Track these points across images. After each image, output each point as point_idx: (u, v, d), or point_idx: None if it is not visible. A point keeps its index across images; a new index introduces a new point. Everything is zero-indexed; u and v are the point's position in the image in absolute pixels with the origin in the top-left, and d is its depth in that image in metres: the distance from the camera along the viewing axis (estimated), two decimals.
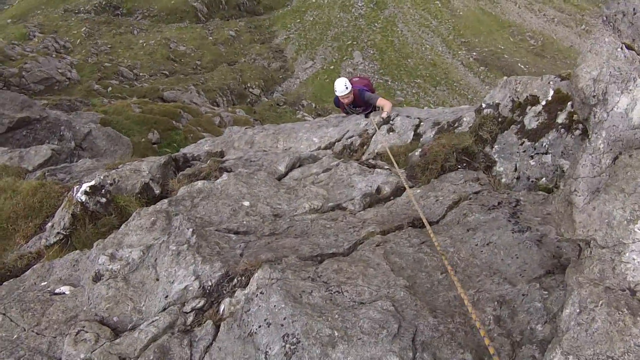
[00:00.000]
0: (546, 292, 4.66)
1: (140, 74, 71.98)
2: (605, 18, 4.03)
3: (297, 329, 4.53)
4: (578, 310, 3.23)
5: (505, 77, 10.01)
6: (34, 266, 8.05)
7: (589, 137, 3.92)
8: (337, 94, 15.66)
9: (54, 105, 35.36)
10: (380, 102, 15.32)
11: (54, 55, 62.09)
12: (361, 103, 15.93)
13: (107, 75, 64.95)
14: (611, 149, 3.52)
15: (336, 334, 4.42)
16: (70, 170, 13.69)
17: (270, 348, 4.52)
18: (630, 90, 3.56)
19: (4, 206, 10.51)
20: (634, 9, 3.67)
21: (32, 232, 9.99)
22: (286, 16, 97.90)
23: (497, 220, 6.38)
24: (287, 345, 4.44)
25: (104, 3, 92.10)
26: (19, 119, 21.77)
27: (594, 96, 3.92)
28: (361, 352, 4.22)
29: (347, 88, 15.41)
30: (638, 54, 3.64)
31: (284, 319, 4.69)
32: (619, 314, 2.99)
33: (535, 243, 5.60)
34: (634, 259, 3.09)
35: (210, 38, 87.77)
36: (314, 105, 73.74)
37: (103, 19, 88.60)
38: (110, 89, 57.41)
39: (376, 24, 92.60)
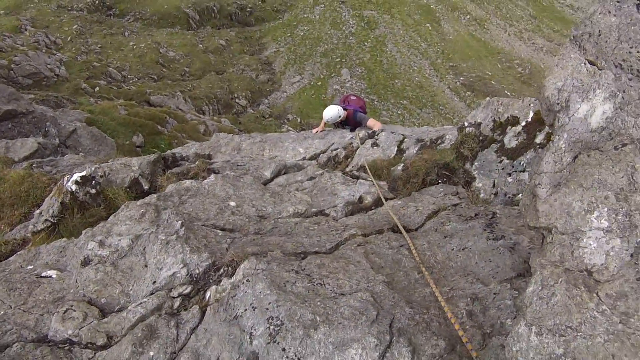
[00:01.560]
0: (516, 292, 4.94)
1: (129, 76, 71.89)
2: (572, 38, 4.40)
3: (282, 312, 4.79)
4: (540, 287, 3.54)
5: (488, 98, 10.31)
6: (20, 251, 8.09)
7: (552, 139, 4.27)
8: (328, 121, 16.27)
9: (41, 101, 35.30)
10: (371, 122, 15.70)
11: (44, 51, 62.15)
12: (352, 122, 16.22)
13: (95, 74, 64.85)
14: (571, 149, 3.87)
15: (318, 318, 4.68)
16: (56, 164, 13.78)
17: (255, 329, 4.77)
18: (590, 99, 3.93)
19: None
20: (599, 31, 4.04)
21: (17, 220, 10.06)
22: (277, 29, 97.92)
23: (473, 229, 6.66)
24: (272, 327, 4.70)
25: (97, 2, 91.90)
26: (5, 111, 21.62)
27: (558, 103, 4.29)
28: (342, 334, 4.48)
29: (339, 117, 16.09)
30: (599, 69, 4.00)
31: (269, 303, 4.94)
32: (576, 290, 3.30)
33: (508, 249, 5.88)
34: (590, 244, 3.42)
35: (201, 46, 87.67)
36: (299, 119, 73.70)
37: (95, 18, 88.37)
38: (97, 88, 57.33)
39: (366, 43, 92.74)
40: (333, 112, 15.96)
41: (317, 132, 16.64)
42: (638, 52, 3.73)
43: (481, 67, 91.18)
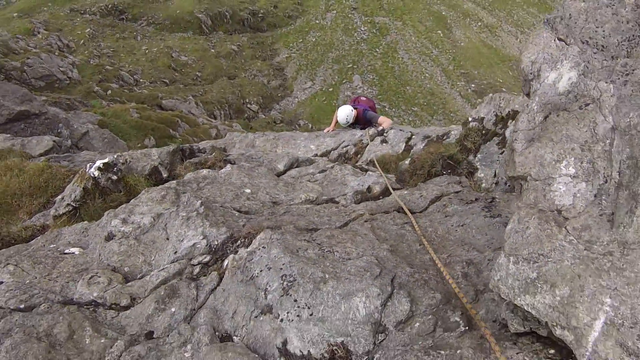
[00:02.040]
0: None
1: (141, 80, 72.05)
2: (546, 20, 4.94)
3: (294, 271, 5.27)
4: (517, 223, 4.02)
5: (490, 94, 10.70)
6: (44, 234, 8.38)
7: (527, 103, 4.80)
8: (341, 123, 16.94)
9: (53, 103, 35.48)
10: (381, 119, 16.61)
11: (56, 53, 62.36)
12: (362, 121, 16.77)
13: (107, 78, 65.05)
14: (542, 110, 4.37)
15: (327, 275, 5.17)
16: (73, 159, 14.00)
17: (269, 285, 5.25)
18: (558, 68, 4.45)
19: (10, 183, 10.90)
20: (569, 14, 4.58)
21: (35, 209, 10.37)
22: (289, 35, 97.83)
23: (472, 209, 7.10)
24: (285, 283, 5.19)
25: (110, 6, 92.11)
26: (18, 111, 21.98)
27: (531, 73, 4.82)
28: (348, 286, 4.96)
29: (347, 122, 16.82)
30: (567, 44, 4.53)
31: (283, 264, 5.42)
32: (547, 224, 3.77)
33: (503, 225, 6.30)
34: (560, 188, 3.91)
35: (213, 51, 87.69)
36: (310, 125, 73.59)
37: (108, 22, 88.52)
38: (110, 92, 57.61)
39: (377, 50, 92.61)
40: (346, 111, 16.72)
41: (328, 131, 17.05)
42: (603, 31, 4.27)
43: (492, 74, 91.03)
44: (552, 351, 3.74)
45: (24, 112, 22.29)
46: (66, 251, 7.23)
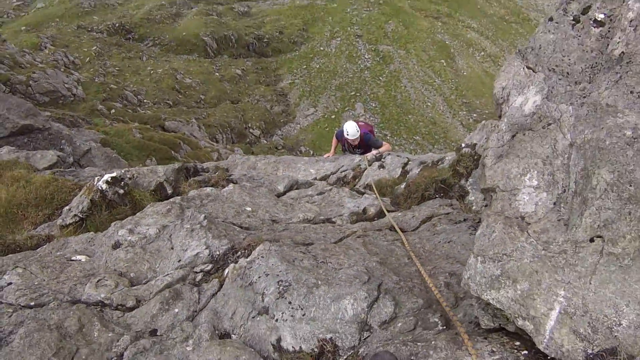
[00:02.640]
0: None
1: (145, 100, 72.16)
2: (518, 51, 5.52)
3: (290, 277, 5.76)
4: (485, 228, 4.50)
5: (483, 122, 11.11)
6: (51, 242, 8.64)
7: (497, 123, 5.31)
8: (349, 137, 16.51)
9: (57, 119, 35.50)
10: (384, 148, 16.47)
11: (62, 69, 62.60)
12: (363, 145, 16.93)
13: (112, 97, 65.13)
14: (510, 130, 4.89)
15: (320, 281, 5.66)
16: (77, 174, 14.14)
17: (266, 290, 5.73)
18: (524, 93, 5.01)
19: (17, 193, 11.11)
20: (539, 45, 5.13)
21: (41, 220, 10.60)
22: (293, 61, 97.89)
23: (460, 228, 7.56)
24: (281, 287, 5.67)
25: (117, 25, 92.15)
26: (22, 125, 22.11)
27: (501, 98, 5.39)
28: (338, 290, 5.46)
29: (357, 131, 16.41)
30: (534, 72, 5.05)
31: (279, 271, 5.91)
32: (511, 229, 4.26)
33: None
34: (524, 198, 4.44)
35: (217, 74, 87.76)
36: (311, 152, 73.43)
37: (114, 41, 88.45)
38: (113, 110, 57.70)
39: (381, 78, 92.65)
40: (353, 127, 16.58)
41: (327, 156, 17.25)
42: (569, 59, 4.81)
43: (494, 104, 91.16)
44: (517, 343, 4.22)
45: (28, 126, 22.41)
46: (73, 258, 7.53)
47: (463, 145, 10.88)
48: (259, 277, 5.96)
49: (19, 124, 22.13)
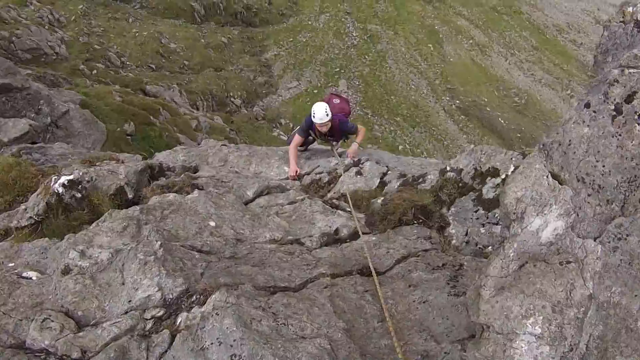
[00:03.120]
0: (465, 354, 5.21)
1: (128, 62, 71.64)
2: (542, 145, 4.64)
3: (244, 351, 5.12)
4: None
5: (472, 145, 10.52)
6: (2, 244, 8.38)
7: (504, 245, 4.57)
8: (316, 121, 14.16)
9: (38, 77, 35.27)
10: (357, 131, 15.10)
11: (47, 27, 62.06)
12: (338, 134, 15.21)
13: (94, 57, 64.64)
14: (519, 258, 4.16)
15: None
16: (45, 152, 13.83)
17: None
18: (545, 214, 4.20)
19: None
20: (569, 141, 4.24)
21: (1, 208, 10.15)
22: (280, 33, 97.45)
23: (437, 280, 6.95)
24: None
25: None
26: (0, 84, 21.60)
27: (514, 213, 4.58)
28: None
29: (327, 115, 14.08)
30: (560, 183, 4.26)
31: (234, 340, 5.26)
32: None
33: (466, 308, 6.06)
34: (522, 347, 3.75)
35: (202, 41, 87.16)
36: (291, 125, 73.21)
37: (101, 1, 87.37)
38: (95, 71, 57.26)
39: (367, 57, 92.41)
40: (322, 110, 14.11)
41: (292, 177, 14.02)
42: (603, 166, 3.97)
43: (478, 93, 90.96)
44: None
45: (6, 85, 21.85)
46: (24, 274, 7.19)
47: (448, 168, 10.33)
48: (212, 343, 5.34)
49: None
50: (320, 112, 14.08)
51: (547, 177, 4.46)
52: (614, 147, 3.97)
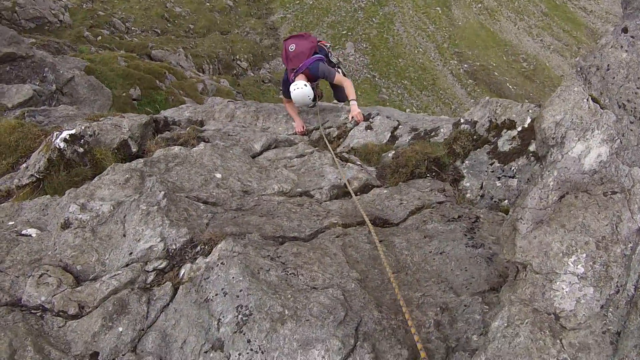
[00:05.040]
0: (487, 307, 4.91)
1: (132, 28, 71.34)
2: (579, 69, 4.31)
3: (251, 302, 4.82)
4: (505, 324, 3.52)
5: (487, 97, 10.21)
6: (3, 204, 8.18)
7: (542, 173, 4.21)
8: (303, 105, 12.85)
9: (42, 46, 35.01)
10: (339, 79, 12.90)
11: None
12: (314, 80, 12.90)
13: (99, 24, 64.34)
14: (559, 188, 3.82)
15: (287, 312, 4.71)
16: (49, 114, 13.65)
17: (223, 316, 4.81)
18: (587, 139, 3.87)
19: None
20: (607, 65, 3.95)
21: (4, 170, 10.04)
22: None
23: (454, 232, 6.62)
24: (240, 316, 4.74)
25: None
26: (4, 53, 21.55)
27: (553, 138, 4.22)
28: (307, 332, 4.51)
29: (309, 101, 12.37)
30: (602, 108, 3.93)
31: (240, 291, 4.97)
32: (541, 333, 3.29)
33: (485, 260, 5.84)
34: (562, 288, 3.41)
35: (208, 4, 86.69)
36: None
37: None
38: (100, 38, 56.97)
39: (374, 19, 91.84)
40: (303, 93, 12.15)
41: (300, 132, 13.17)
42: None
43: (486, 57, 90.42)
44: None
45: (10, 54, 21.83)
46: (23, 232, 6.99)
47: (462, 120, 10.01)
48: (216, 294, 5.06)
49: (1, 52, 21.60)
50: (302, 102, 12.44)
51: (587, 100, 4.12)
52: None
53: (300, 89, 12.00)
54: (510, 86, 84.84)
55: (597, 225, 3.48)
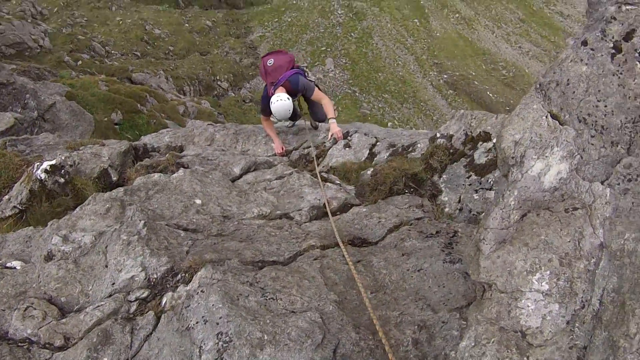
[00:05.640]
0: (464, 322, 4.97)
1: (112, 51, 71.38)
2: (539, 85, 4.42)
3: (231, 328, 4.88)
4: (473, 344, 3.61)
5: (462, 110, 10.32)
6: None
7: (503, 193, 4.32)
8: (283, 119, 12.68)
9: (22, 72, 35.02)
10: (317, 94, 12.87)
11: (29, 20, 61.80)
12: (294, 93, 12.59)
13: (79, 48, 64.43)
14: (520, 207, 3.92)
15: (265, 337, 4.78)
16: (31, 142, 13.69)
17: (204, 343, 4.86)
18: (546, 156, 3.98)
19: None
20: (567, 80, 4.06)
21: None
22: (265, 14, 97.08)
23: (431, 248, 6.71)
24: (220, 343, 4.79)
25: None
26: None
27: (512, 157, 4.32)
28: (286, 356, 4.58)
29: (289, 115, 12.03)
30: (561, 124, 4.04)
31: (220, 318, 5.02)
32: (507, 352, 3.38)
33: (462, 275, 5.90)
34: (528, 306, 3.50)
35: (187, 25, 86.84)
36: None
37: None
38: (80, 62, 57.05)
39: (352, 34, 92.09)
40: (284, 108, 11.85)
41: (280, 154, 13.26)
42: (605, 106, 3.78)
43: (465, 67, 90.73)
44: None
45: None
46: (8, 264, 7.02)
47: (438, 134, 10.14)
48: (197, 322, 5.11)
49: None
50: (283, 115, 12.10)
51: (546, 117, 4.22)
52: (615, 86, 3.81)
53: (283, 101, 11.76)
54: (490, 94, 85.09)
55: (560, 241, 3.58)
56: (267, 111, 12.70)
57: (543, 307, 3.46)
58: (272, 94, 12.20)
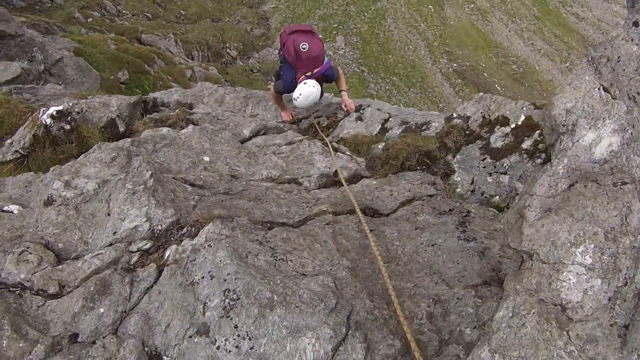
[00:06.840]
0: (480, 300, 4.81)
1: (124, 11, 71.10)
2: (590, 59, 4.22)
3: (239, 286, 4.67)
4: (511, 314, 3.41)
5: (481, 93, 10.14)
6: None
7: (552, 161, 4.10)
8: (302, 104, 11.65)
9: (32, 25, 34.74)
10: (343, 87, 12.75)
11: None
12: (320, 80, 11.98)
13: (90, 5, 64.06)
14: (569, 176, 3.72)
15: (275, 298, 4.57)
16: (36, 92, 13.52)
17: (210, 300, 4.65)
18: (598, 127, 3.78)
19: None
20: (618, 57, 3.88)
21: None
22: None
23: (445, 224, 6.53)
24: (227, 300, 4.58)
25: None
26: None
27: (564, 125, 4.11)
28: (297, 319, 4.36)
29: (315, 102, 11.72)
30: (612, 97, 3.84)
31: (228, 274, 4.81)
32: (547, 324, 3.18)
33: (477, 253, 5.74)
34: (570, 279, 3.30)
35: None
36: None
37: None
38: (90, 19, 56.76)
39: (366, 14, 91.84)
40: (313, 93, 11.27)
41: (289, 120, 13.08)
42: None
43: (476, 58, 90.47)
44: None
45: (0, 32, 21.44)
46: (5, 208, 6.79)
47: (454, 115, 9.94)
48: (203, 277, 4.90)
49: None
50: (308, 102, 11.56)
51: (599, 89, 4.03)
52: None
53: (314, 87, 11.21)
54: (498, 88, 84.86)
55: (606, 215, 3.39)
56: (282, 92, 12.35)
57: (585, 282, 3.28)
58: (300, 82, 11.45)
